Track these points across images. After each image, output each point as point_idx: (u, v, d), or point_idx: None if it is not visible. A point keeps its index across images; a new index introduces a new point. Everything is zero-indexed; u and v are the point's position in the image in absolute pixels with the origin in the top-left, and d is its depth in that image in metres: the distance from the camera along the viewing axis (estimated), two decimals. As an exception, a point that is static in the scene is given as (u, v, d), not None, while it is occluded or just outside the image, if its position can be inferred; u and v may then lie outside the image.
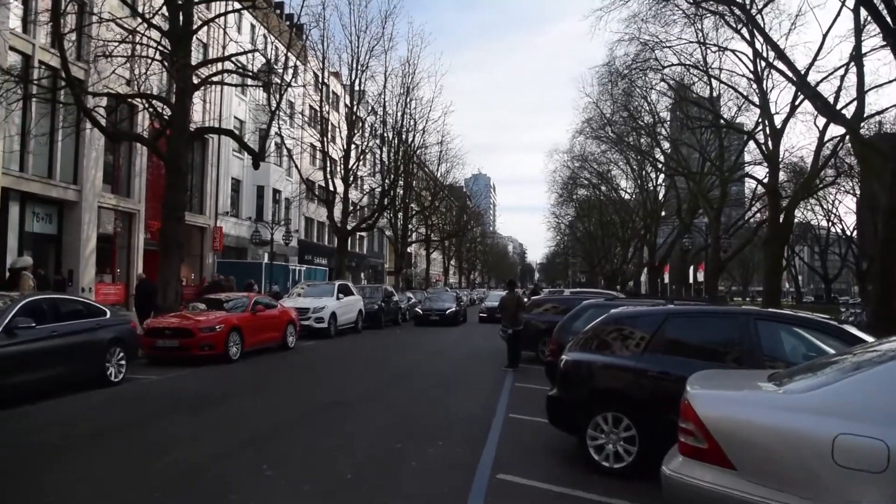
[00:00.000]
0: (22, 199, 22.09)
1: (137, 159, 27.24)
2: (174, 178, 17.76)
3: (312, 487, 5.79)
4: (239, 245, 36.74)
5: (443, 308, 30.47)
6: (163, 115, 19.19)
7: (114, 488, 5.70)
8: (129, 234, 27.33)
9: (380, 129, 40.58)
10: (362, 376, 13.27)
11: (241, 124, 35.16)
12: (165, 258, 17.54)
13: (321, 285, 26.29)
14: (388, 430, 8.16)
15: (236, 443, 7.35)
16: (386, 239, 58.15)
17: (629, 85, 32.55)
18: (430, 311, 30.41)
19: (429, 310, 30.67)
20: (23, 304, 9.41)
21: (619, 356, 6.86)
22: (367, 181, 48.74)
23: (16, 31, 21.00)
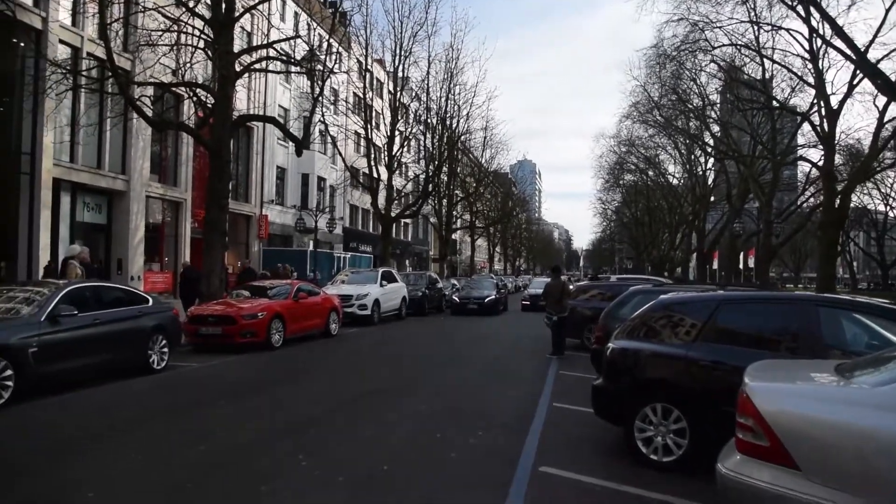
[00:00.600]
0: (73, 189, 22.57)
1: (183, 148, 27.58)
2: (218, 166, 17.84)
3: (347, 478, 5.61)
4: (284, 233, 37.05)
5: (481, 296, 28.20)
6: (206, 103, 19.29)
7: (149, 476, 5.63)
8: (176, 222, 27.74)
9: (423, 115, 40.35)
10: (403, 364, 13.12)
11: (285, 112, 35.32)
12: (209, 246, 17.65)
13: (365, 272, 26.27)
14: (428, 419, 7.96)
15: (273, 431, 7.24)
16: (430, 226, 58.07)
17: (678, 67, 31.60)
18: (468, 300, 28.18)
19: (466, 298, 28.45)
20: (66, 291, 9.47)
21: (669, 344, 6.50)
22: (411, 168, 48.66)
23: (65, 23, 21.37)
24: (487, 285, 30.57)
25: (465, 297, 28.44)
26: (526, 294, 34.69)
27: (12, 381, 8.19)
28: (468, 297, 28.52)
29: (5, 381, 8.13)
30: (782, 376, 4.10)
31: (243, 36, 28.05)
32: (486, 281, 32.92)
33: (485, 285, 30.69)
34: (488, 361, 13.75)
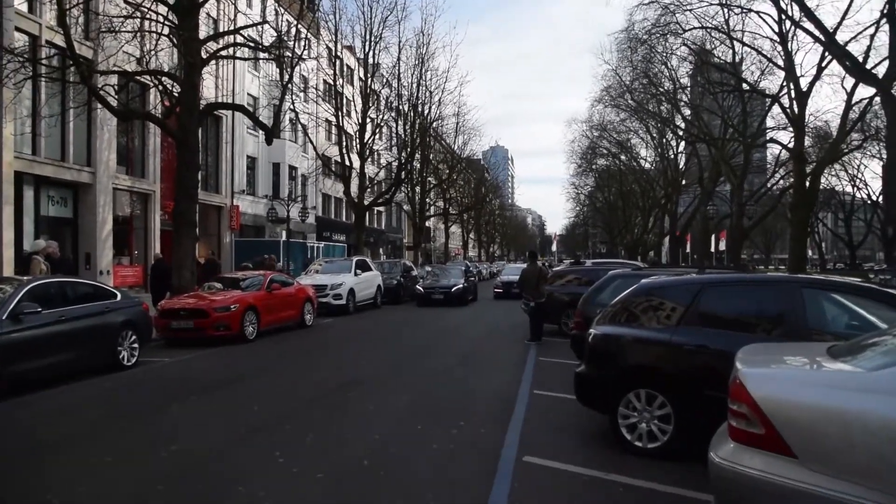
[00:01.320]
0: (36, 182, 21.93)
1: (150, 139, 26.97)
2: (185, 156, 17.45)
3: (327, 475, 5.46)
4: (256, 223, 36.56)
5: (447, 285, 25.97)
6: (172, 92, 18.84)
7: (117, 479, 5.41)
8: (145, 215, 27.16)
9: (395, 101, 39.99)
10: (381, 354, 12.96)
11: (254, 100, 34.77)
12: (179, 238, 17.30)
13: (339, 261, 26.05)
14: (408, 411, 7.82)
15: (249, 427, 7.04)
16: (404, 213, 57.81)
17: (649, 51, 31.59)
18: (433, 290, 25.99)
19: (431, 288, 26.21)
20: (28, 288, 9.13)
21: (652, 329, 6.42)
22: (383, 155, 48.24)
23: (21, 10, 20.65)
24: (455, 273, 28.24)
25: (430, 287, 26.28)
26: (498, 281, 32.80)
27: (-28, 385, 7.86)
28: (433, 286, 26.36)
29: (-34, 382, 7.81)
30: (775, 361, 4.00)
31: (209, 22, 27.45)
32: (454, 269, 30.63)
33: (452, 273, 28.37)
34: (467, 349, 13.64)
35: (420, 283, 28.00)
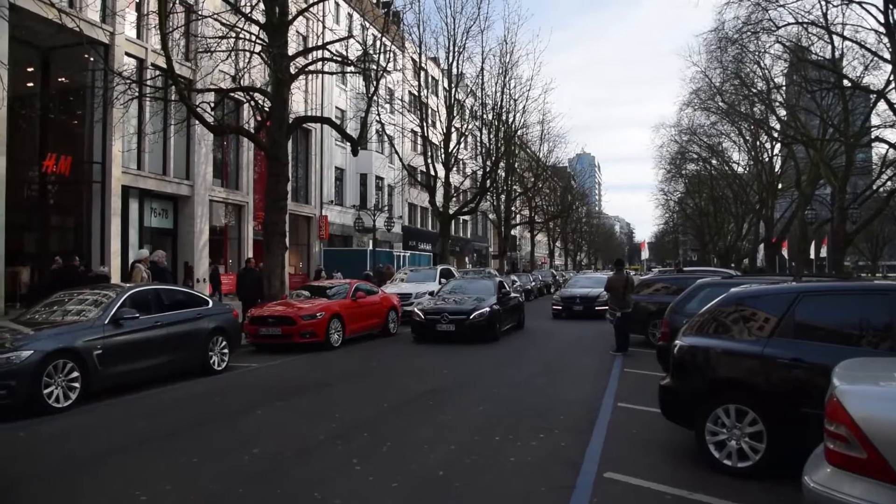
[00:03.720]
0: (140, 195, 23.30)
1: (244, 152, 28.12)
2: (276, 168, 18.02)
3: (402, 485, 5.47)
4: (344, 233, 37.40)
5: (464, 310, 16.29)
6: (264, 107, 19.54)
7: (201, 479, 5.61)
8: (238, 225, 28.32)
9: (479, 110, 40.12)
10: (463, 363, 12.93)
11: (341, 113, 35.66)
12: (269, 247, 17.85)
13: (424, 270, 26.23)
14: (486, 421, 7.75)
15: (329, 434, 7.16)
16: (489, 222, 57.78)
17: (740, 50, 30.47)
18: (439, 315, 16.29)
19: (436, 312, 16.45)
20: (128, 295, 9.67)
21: (742, 341, 6.05)
22: (468, 164, 48.46)
23: (130, 36, 22.08)
24: (481, 290, 18.05)
25: (436, 312, 16.45)
26: (557, 297, 25.29)
27: (79, 383, 8.41)
28: (440, 310, 16.50)
29: (72, 382, 8.35)
30: (879, 377, 3.67)
31: (298, 39, 28.36)
32: (480, 283, 19.28)
33: (475, 290, 18.14)
34: (550, 358, 13.45)
35: (420, 302, 18.78)
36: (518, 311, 19.57)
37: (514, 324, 18.86)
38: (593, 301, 23.26)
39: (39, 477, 5.74)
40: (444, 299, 17.47)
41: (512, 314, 18.60)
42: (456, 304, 16.72)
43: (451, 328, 15.93)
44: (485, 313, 16.07)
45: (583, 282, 26.83)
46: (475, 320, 15.93)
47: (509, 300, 18.61)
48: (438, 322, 16.11)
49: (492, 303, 16.68)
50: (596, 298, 23.00)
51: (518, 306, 19.73)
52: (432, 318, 16.19)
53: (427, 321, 16.24)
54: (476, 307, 16.29)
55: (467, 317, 15.99)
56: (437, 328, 16.11)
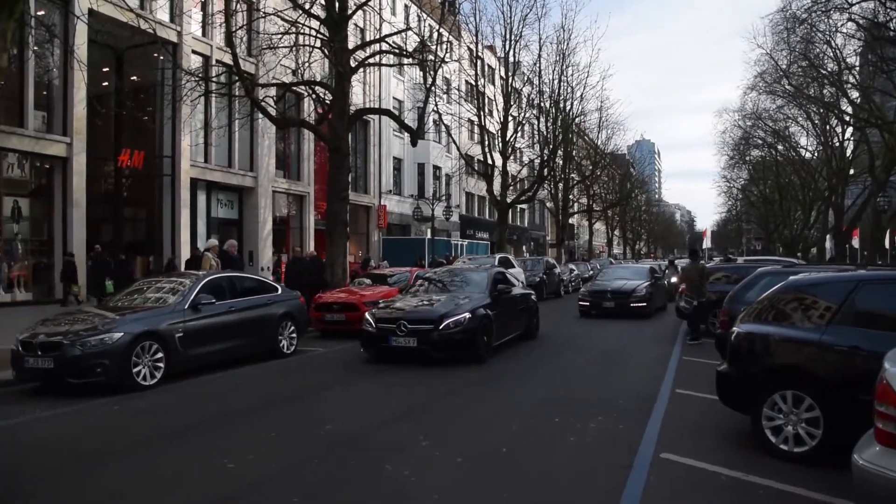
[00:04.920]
0: (208, 187, 24.26)
1: (305, 144, 28.86)
2: (337, 160, 18.52)
3: (466, 459, 5.78)
4: (402, 222, 37.96)
5: (429, 316, 11.13)
6: (325, 100, 20.06)
7: (279, 451, 6.03)
8: (300, 215, 29.15)
9: (536, 98, 40.04)
10: (521, 348, 13.17)
11: (399, 104, 36.11)
12: (331, 236, 18.40)
13: (481, 259, 26.45)
14: (546, 404, 8.01)
15: (395, 413, 7.55)
16: (547, 211, 57.61)
17: (809, 30, 29.45)
18: (392, 325, 11.06)
19: (388, 321, 11.20)
20: (204, 282, 10.27)
21: (800, 328, 6.10)
22: (525, 153, 48.40)
23: (196, 35, 22.97)
24: (470, 281, 13.15)
25: (389, 320, 11.23)
26: (584, 291, 20.89)
27: (163, 363, 9.05)
28: (394, 317, 11.20)
29: (157, 362, 9.00)
30: None
31: (356, 32, 28.89)
32: (473, 274, 13.86)
33: (465, 281, 13.28)
34: (609, 345, 13.58)
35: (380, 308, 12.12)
36: (526, 315, 14.04)
37: (518, 332, 13.48)
38: (628, 296, 19.30)
39: (135, 445, 6.30)
40: (408, 300, 12.27)
41: (515, 319, 13.19)
42: (422, 308, 11.50)
43: (411, 343, 10.57)
44: (462, 320, 10.67)
45: (617, 273, 22.41)
46: (447, 331, 10.53)
47: (511, 300, 13.11)
48: (393, 333, 10.70)
49: (477, 304, 11.34)
50: (631, 293, 19.32)
51: (528, 308, 14.28)
52: (385, 328, 10.85)
53: (378, 331, 10.94)
54: (450, 311, 10.91)
55: (434, 326, 10.57)
56: (392, 343, 10.69)
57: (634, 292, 19.33)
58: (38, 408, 7.80)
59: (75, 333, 8.48)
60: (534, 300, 15.04)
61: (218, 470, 5.51)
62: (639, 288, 19.47)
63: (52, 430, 7.02)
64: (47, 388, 8.50)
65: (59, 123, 19.15)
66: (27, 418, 7.41)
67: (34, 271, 19.20)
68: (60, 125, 19.13)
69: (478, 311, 11.23)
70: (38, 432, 6.94)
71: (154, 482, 5.25)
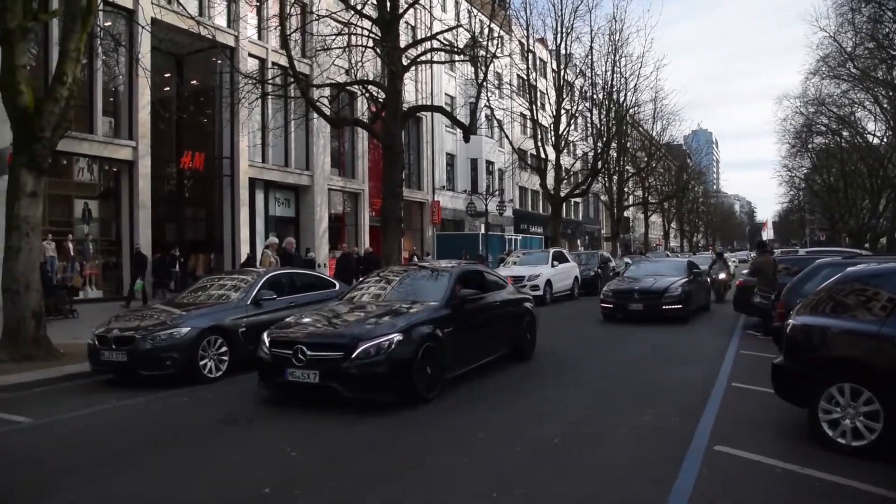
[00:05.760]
0: (265, 186, 24.93)
1: (359, 143, 29.34)
2: (390, 157, 18.77)
3: (523, 449, 5.90)
4: (456, 217, 38.17)
5: (336, 339, 7.63)
6: (378, 98, 20.36)
7: (342, 437, 6.24)
8: (355, 212, 29.66)
9: (589, 91, 39.69)
10: (574, 342, 13.20)
11: (451, 100, 36.32)
12: (386, 232, 18.68)
13: (536, 253, 26.49)
14: (599, 395, 8.08)
15: (449, 403, 7.69)
16: (601, 204, 57.03)
17: (877, 9, 28.41)
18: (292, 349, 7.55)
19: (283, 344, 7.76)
20: (265, 278, 10.63)
21: (859, 320, 5.97)
22: (578, 146, 48.03)
23: (253, 38, 23.59)
24: (420, 286, 9.54)
25: (283, 343, 7.80)
26: (608, 290, 17.47)
27: (227, 357, 9.45)
28: (293, 340, 7.76)
29: (222, 356, 9.40)
30: None
31: (408, 30, 29.20)
32: (426, 275, 9.94)
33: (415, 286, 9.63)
34: (663, 339, 13.45)
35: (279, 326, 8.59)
36: (515, 329, 10.51)
37: (500, 353, 10.05)
38: (659, 296, 16.04)
39: (206, 431, 6.67)
40: (323, 313, 8.82)
41: (492, 336, 9.81)
42: (332, 326, 8.26)
43: (311, 377, 7.39)
44: (387, 345, 7.40)
45: (648, 268, 19.16)
46: (363, 360, 7.30)
47: (484, 310, 9.57)
48: (289, 363, 7.51)
49: (419, 320, 8.01)
50: (663, 293, 16.05)
51: (517, 320, 10.62)
52: (280, 356, 7.67)
53: (272, 359, 7.78)
54: (369, 331, 7.64)
55: (344, 354, 7.34)
56: (287, 377, 7.52)
57: (667, 292, 16.03)
58: (114, 397, 8.27)
59: (146, 328, 8.93)
60: (528, 307, 11.15)
61: (278, 456, 5.77)
62: (672, 286, 16.21)
63: (127, 416, 7.48)
64: (121, 380, 8.96)
65: (126, 128, 19.99)
66: (105, 406, 7.86)
67: (104, 269, 20.11)
68: (126, 130, 19.96)
69: (417, 330, 7.70)
70: (114, 418, 7.40)
71: (222, 467, 5.54)
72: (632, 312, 16.16)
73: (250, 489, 4.98)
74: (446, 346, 8.11)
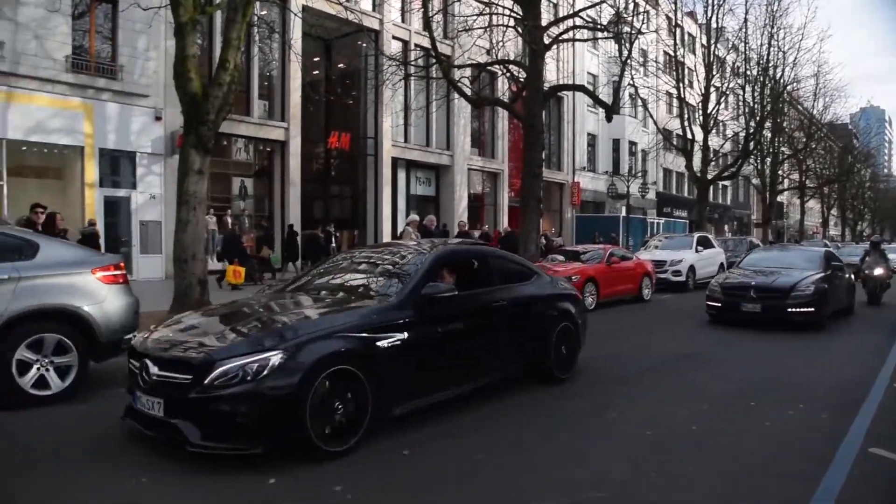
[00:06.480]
0: (407, 166, 25.64)
1: (499, 123, 29.40)
2: (531, 137, 18.67)
3: (655, 433, 5.73)
4: (596, 199, 37.46)
5: (186, 357, 4.85)
6: (519, 78, 20.28)
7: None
8: (494, 192, 29.83)
9: (742, 67, 37.37)
10: (717, 329, 12.58)
11: (593, 78, 35.52)
12: (525, 213, 18.64)
13: (679, 237, 25.53)
14: (741, 387, 7.62)
15: (584, 386, 7.61)
16: (752, 187, 53.82)
17: None
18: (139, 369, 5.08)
19: (134, 351, 5.37)
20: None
21: None
22: (728, 126, 45.43)
23: (396, 21, 24.21)
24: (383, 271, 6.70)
25: (133, 350, 5.42)
26: (715, 285, 13.86)
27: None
28: (140, 352, 5.22)
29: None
30: None
31: (549, 8, 28.77)
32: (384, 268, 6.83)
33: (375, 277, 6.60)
34: (815, 331, 12.51)
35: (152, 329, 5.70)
36: (533, 342, 7.41)
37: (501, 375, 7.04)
38: (784, 295, 12.33)
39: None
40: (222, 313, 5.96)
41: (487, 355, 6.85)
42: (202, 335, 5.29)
43: (156, 408, 4.84)
44: (251, 369, 4.66)
45: (771, 259, 15.19)
46: (219, 393, 4.64)
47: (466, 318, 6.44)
48: (137, 382, 5.10)
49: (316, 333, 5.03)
50: (790, 291, 12.32)
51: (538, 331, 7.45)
52: (132, 370, 5.32)
53: (130, 376, 5.40)
54: (231, 348, 4.87)
55: (193, 379, 4.71)
56: (136, 402, 5.11)
57: (794, 290, 12.33)
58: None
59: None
60: (566, 308, 7.99)
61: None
62: (802, 283, 12.46)
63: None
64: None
65: (278, 110, 21.19)
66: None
67: (257, 243, 21.52)
68: (279, 112, 21.16)
69: (316, 347, 4.91)
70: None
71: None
72: (745, 315, 12.50)
73: None
74: (388, 369, 5.28)
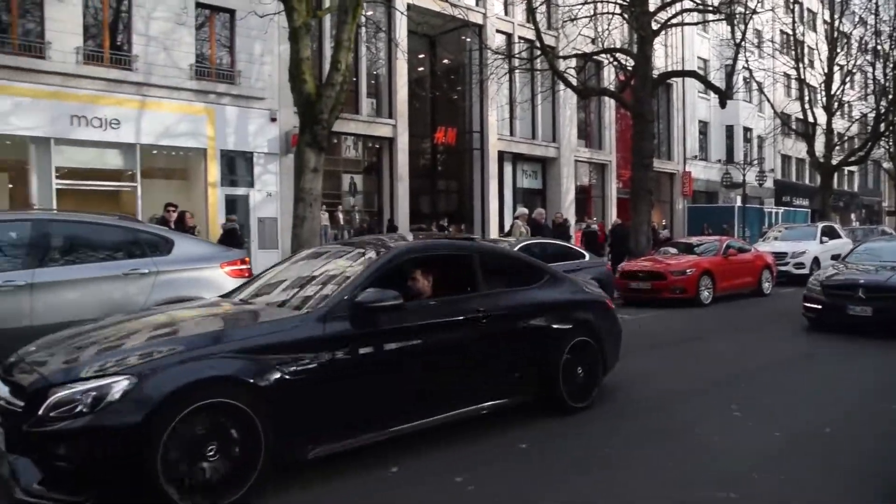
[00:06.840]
0: (513, 159, 25.62)
1: (606, 112, 28.81)
2: (640, 127, 18.25)
3: (784, 433, 5.43)
4: (709, 189, 36.06)
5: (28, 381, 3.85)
6: (626, 66, 19.81)
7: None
8: (602, 183, 29.30)
9: (871, 41, 34.80)
10: (812, 336, 11.76)
11: (704, 63, 34.14)
12: (636, 205, 18.24)
13: (801, 227, 24.23)
14: (877, 389, 7.10)
15: (704, 381, 7.34)
16: (883, 172, 50.17)
17: None
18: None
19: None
20: (517, 248, 10.90)
21: None
22: (855, 107, 42.50)
23: (499, 14, 24.21)
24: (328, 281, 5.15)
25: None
26: (816, 284, 11.06)
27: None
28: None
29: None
30: None
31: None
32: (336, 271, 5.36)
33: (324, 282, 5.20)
34: None
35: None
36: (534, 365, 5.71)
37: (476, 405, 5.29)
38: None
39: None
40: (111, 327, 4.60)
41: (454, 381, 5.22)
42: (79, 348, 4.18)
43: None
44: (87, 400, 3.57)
45: (885, 253, 11.82)
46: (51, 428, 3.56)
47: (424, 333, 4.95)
48: None
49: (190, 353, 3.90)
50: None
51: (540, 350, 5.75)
52: None
53: None
54: (70, 371, 3.79)
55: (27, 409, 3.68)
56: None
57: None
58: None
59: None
60: (585, 319, 6.38)
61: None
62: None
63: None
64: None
65: (386, 108, 21.64)
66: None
67: (365, 238, 22.15)
68: (387, 109, 21.60)
69: (180, 371, 3.81)
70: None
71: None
72: (852, 319, 10.17)
73: None
74: (298, 400, 4.17)
